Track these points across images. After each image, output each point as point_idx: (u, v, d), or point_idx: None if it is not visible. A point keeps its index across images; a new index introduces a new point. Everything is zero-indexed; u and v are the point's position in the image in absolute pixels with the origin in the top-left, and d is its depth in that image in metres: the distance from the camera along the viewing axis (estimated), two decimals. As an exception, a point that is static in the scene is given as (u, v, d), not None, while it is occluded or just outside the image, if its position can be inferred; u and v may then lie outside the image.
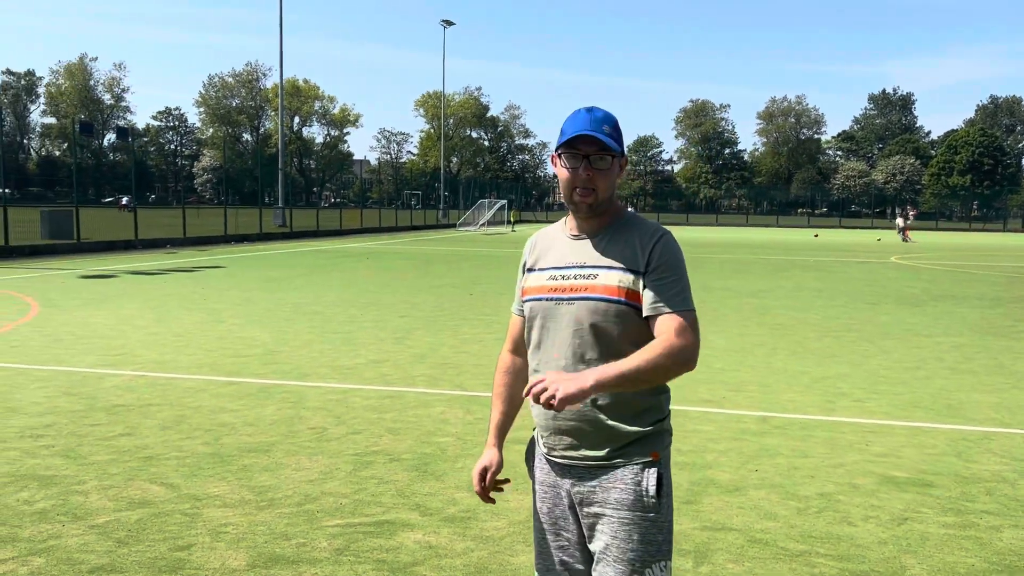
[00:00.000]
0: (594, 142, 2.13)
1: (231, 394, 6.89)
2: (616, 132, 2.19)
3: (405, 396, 6.94)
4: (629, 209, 2.31)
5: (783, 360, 8.89)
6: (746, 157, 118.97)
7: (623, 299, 2.12)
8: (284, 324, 10.68)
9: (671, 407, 2.31)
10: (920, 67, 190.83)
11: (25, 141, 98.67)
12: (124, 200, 61.77)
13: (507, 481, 2.43)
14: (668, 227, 2.56)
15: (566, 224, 2.30)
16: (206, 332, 9.92)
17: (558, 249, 2.27)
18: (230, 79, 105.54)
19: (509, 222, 59.01)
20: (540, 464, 2.31)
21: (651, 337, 2.11)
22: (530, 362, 2.27)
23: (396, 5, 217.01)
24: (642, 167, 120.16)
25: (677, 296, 2.13)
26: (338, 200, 65.34)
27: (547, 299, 2.21)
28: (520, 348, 2.39)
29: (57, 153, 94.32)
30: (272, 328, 10.33)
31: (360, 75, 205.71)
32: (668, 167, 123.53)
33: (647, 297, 2.12)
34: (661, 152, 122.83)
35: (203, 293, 13.95)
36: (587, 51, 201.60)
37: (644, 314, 2.10)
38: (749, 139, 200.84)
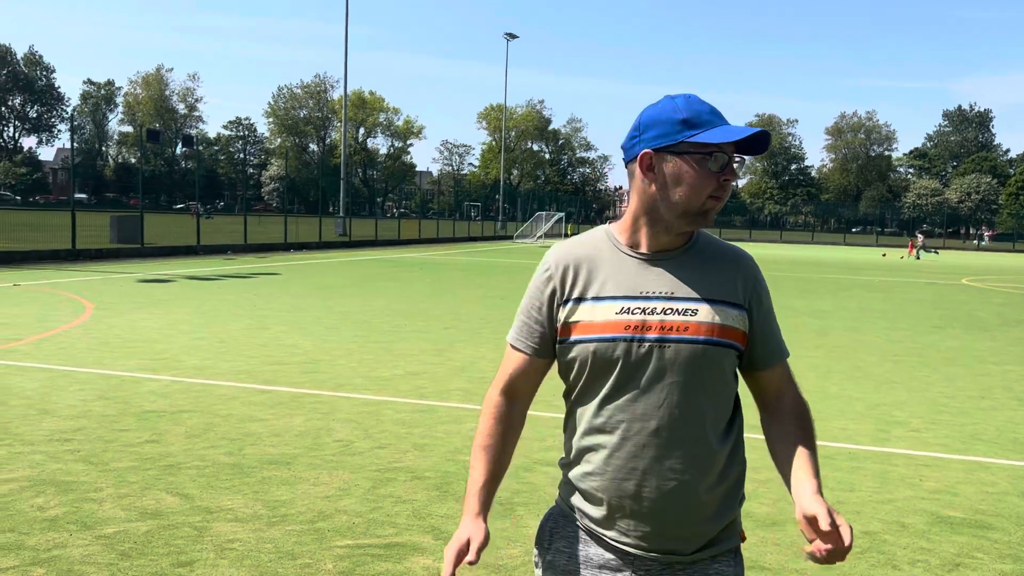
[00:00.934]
0: (754, 143, 1.72)
1: (263, 403, 6.82)
2: None
3: (437, 411, 6.78)
4: None
5: (838, 384, 8.47)
6: (813, 173, 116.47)
7: (729, 341, 1.74)
8: (328, 332, 10.65)
9: None
10: (998, 83, 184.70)
11: (103, 148, 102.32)
12: (196, 206, 63.66)
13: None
14: (731, 242, 2.20)
15: (616, 239, 1.81)
16: (250, 339, 9.94)
17: (622, 273, 1.77)
18: (298, 91, 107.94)
19: (565, 235, 58.76)
20: (583, 548, 1.79)
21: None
22: (591, 415, 1.77)
23: (461, 19, 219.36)
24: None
25: (780, 339, 1.86)
26: (400, 211, 65.93)
27: (626, 339, 1.71)
28: (518, 393, 1.89)
29: (132, 160, 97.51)
30: (316, 336, 10.30)
31: (424, 87, 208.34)
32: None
33: (758, 341, 1.79)
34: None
35: (253, 300, 14.08)
36: (650, 64, 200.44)
37: (754, 361, 1.80)
38: (817, 155, 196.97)
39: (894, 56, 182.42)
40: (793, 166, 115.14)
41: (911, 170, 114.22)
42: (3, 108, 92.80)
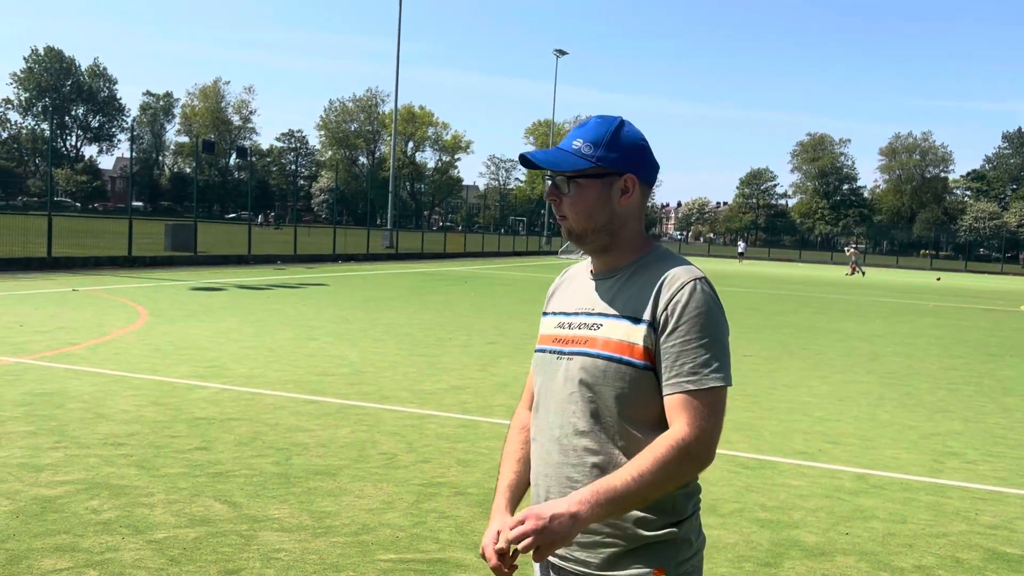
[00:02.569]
0: (534, 164, 1.81)
1: (310, 412, 6.90)
2: (597, 145, 1.75)
3: (480, 426, 6.79)
4: (662, 245, 1.89)
5: (890, 412, 8.28)
6: (866, 194, 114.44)
7: (626, 357, 1.70)
8: (374, 344, 10.75)
9: (699, 506, 1.81)
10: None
11: (160, 158, 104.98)
12: (260, 217, 64.85)
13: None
14: (775, 264, 1.99)
15: (591, 261, 1.92)
16: (298, 348, 10.08)
17: (573, 290, 1.90)
18: (350, 104, 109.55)
19: None
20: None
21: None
22: (531, 426, 1.90)
23: (511, 35, 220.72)
24: (754, 200, 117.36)
25: (699, 367, 1.67)
26: (446, 224, 66.43)
27: (549, 351, 1.84)
28: None
29: (188, 170, 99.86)
30: (361, 347, 10.40)
31: (473, 102, 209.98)
32: (782, 201, 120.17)
33: (663, 368, 1.69)
34: (775, 186, 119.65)
35: (302, 309, 14.28)
36: (700, 81, 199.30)
37: (663, 391, 1.70)
38: (870, 175, 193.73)
39: (950, 76, 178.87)
40: (845, 186, 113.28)
41: (968, 192, 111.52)
42: (67, 118, 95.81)
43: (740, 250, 63.69)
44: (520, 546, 1.59)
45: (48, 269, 20.00)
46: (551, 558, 1.81)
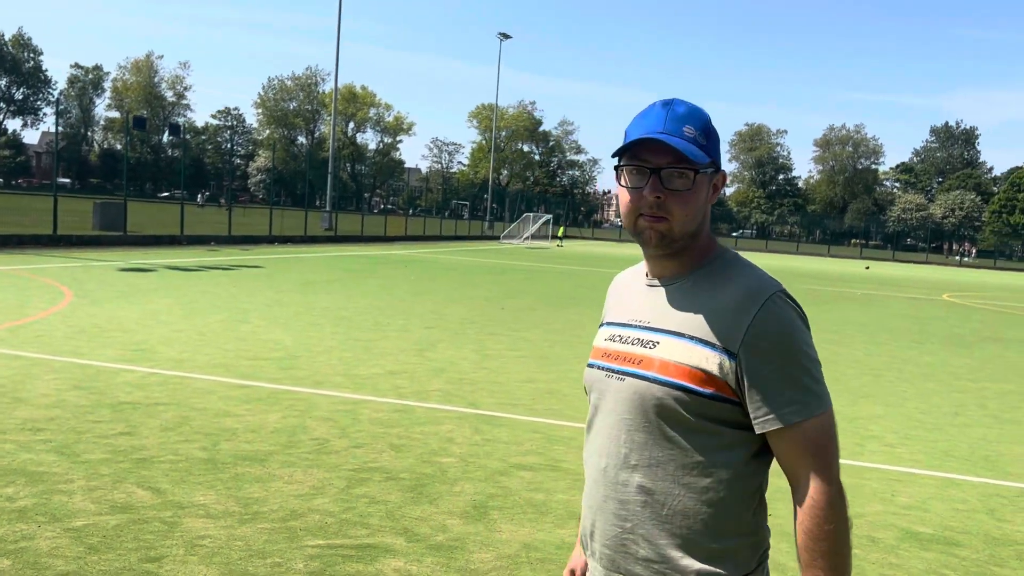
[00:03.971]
0: (665, 151, 1.52)
1: (240, 397, 6.78)
2: (707, 135, 1.56)
3: (415, 411, 6.77)
4: (729, 248, 1.66)
5: (815, 397, 8.50)
6: (800, 184, 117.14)
7: (691, 385, 1.49)
8: (309, 328, 10.61)
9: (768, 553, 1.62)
10: (986, 101, 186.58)
11: (89, 134, 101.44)
12: (199, 196, 63.05)
13: None
14: None
15: (646, 263, 1.70)
16: (229, 332, 9.89)
17: (629, 298, 1.69)
18: (289, 82, 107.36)
19: (556, 237, 58.81)
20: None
21: (746, 447, 1.52)
22: (584, 450, 1.74)
23: (455, 17, 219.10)
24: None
25: (801, 394, 1.47)
26: (387, 206, 65.76)
27: (600, 367, 1.64)
28: None
29: (119, 146, 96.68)
30: (296, 332, 10.26)
31: (416, 84, 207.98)
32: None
33: (752, 403, 1.48)
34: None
35: (234, 292, 14.00)
36: (642, 69, 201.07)
37: (756, 429, 1.49)
38: (804, 166, 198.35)
39: (883, 70, 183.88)
40: (780, 176, 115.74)
41: (897, 184, 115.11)
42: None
43: None
44: None
45: (-33, 247, 19.18)
46: None
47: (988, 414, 8.25)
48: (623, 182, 1.56)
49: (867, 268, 49.50)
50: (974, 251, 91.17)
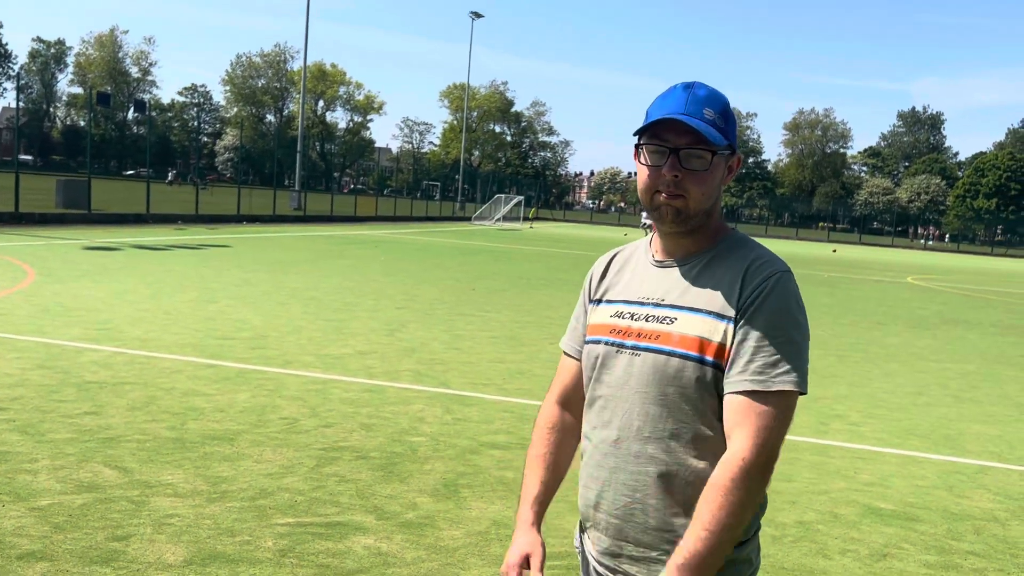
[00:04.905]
0: (685, 131, 1.57)
1: (208, 377, 6.73)
2: (726, 119, 1.61)
3: (386, 391, 6.76)
4: (738, 229, 1.74)
5: (781, 377, 8.63)
6: (770, 167, 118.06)
7: (707, 357, 1.55)
8: (278, 308, 10.53)
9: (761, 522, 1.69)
10: (952, 87, 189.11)
11: (51, 109, 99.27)
12: (170, 175, 61.83)
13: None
14: None
15: (651, 244, 1.74)
16: (196, 311, 9.78)
17: (635, 277, 1.72)
18: (257, 59, 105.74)
19: (526, 219, 58.75)
20: (584, 547, 1.80)
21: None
22: (583, 423, 1.76)
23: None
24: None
25: (768, 367, 1.50)
26: (357, 186, 65.23)
27: (607, 343, 1.67)
28: (571, 401, 1.85)
29: (82, 123, 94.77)
30: (265, 311, 10.18)
31: (387, 63, 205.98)
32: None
33: (731, 363, 1.53)
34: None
35: (202, 272, 13.84)
36: (614, 51, 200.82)
37: (725, 388, 1.54)
38: (774, 149, 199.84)
39: (853, 55, 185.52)
40: (750, 159, 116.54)
41: (864, 168, 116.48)
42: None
43: (644, 221, 64.61)
44: None
45: (-75, 224, 18.76)
46: (600, 567, 1.70)
47: (949, 394, 8.43)
48: (643, 160, 1.62)
49: (834, 251, 50.13)
50: (938, 234, 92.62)
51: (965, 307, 18.79)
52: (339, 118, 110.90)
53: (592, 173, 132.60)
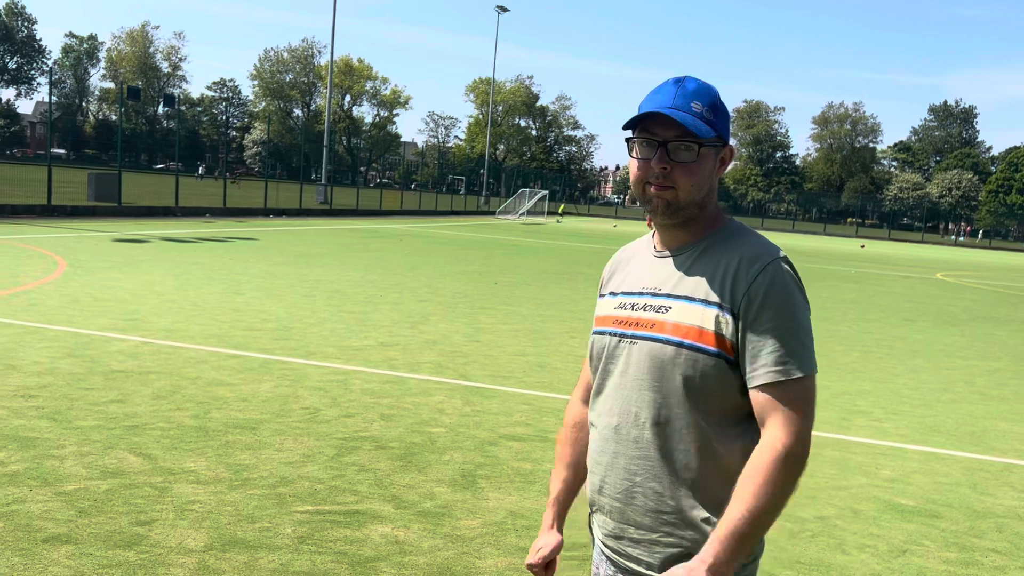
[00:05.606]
0: (672, 125, 1.61)
1: (232, 367, 6.82)
2: (715, 111, 1.65)
3: (407, 382, 6.81)
4: (735, 219, 1.74)
5: (804, 372, 8.56)
6: (798, 162, 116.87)
7: (698, 343, 1.58)
8: (302, 300, 10.63)
9: None
10: (985, 81, 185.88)
11: (84, 104, 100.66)
12: (200, 168, 62.48)
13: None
14: None
15: (653, 237, 1.79)
16: (222, 303, 9.90)
17: (637, 268, 1.77)
18: (285, 54, 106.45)
19: (556, 213, 58.62)
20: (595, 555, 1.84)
21: (749, 403, 1.59)
22: (590, 412, 1.81)
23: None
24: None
25: (787, 356, 1.55)
26: (383, 180, 65.49)
27: (610, 333, 1.72)
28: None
29: (113, 117, 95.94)
30: (289, 303, 10.28)
31: (413, 57, 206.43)
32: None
33: (744, 358, 1.58)
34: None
35: (229, 264, 14.00)
36: (640, 45, 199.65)
37: (743, 377, 1.59)
38: (802, 144, 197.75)
39: (883, 49, 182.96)
40: (778, 154, 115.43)
41: (894, 163, 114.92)
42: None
43: None
44: None
45: (-40, 217, 19.12)
46: (605, 550, 1.74)
47: (976, 391, 8.32)
48: (634, 153, 1.66)
49: (862, 247, 49.57)
50: (969, 230, 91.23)
51: (996, 304, 18.51)
52: (366, 112, 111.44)
53: (617, 168, 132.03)
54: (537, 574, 1.85)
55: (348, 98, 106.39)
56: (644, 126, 1.64)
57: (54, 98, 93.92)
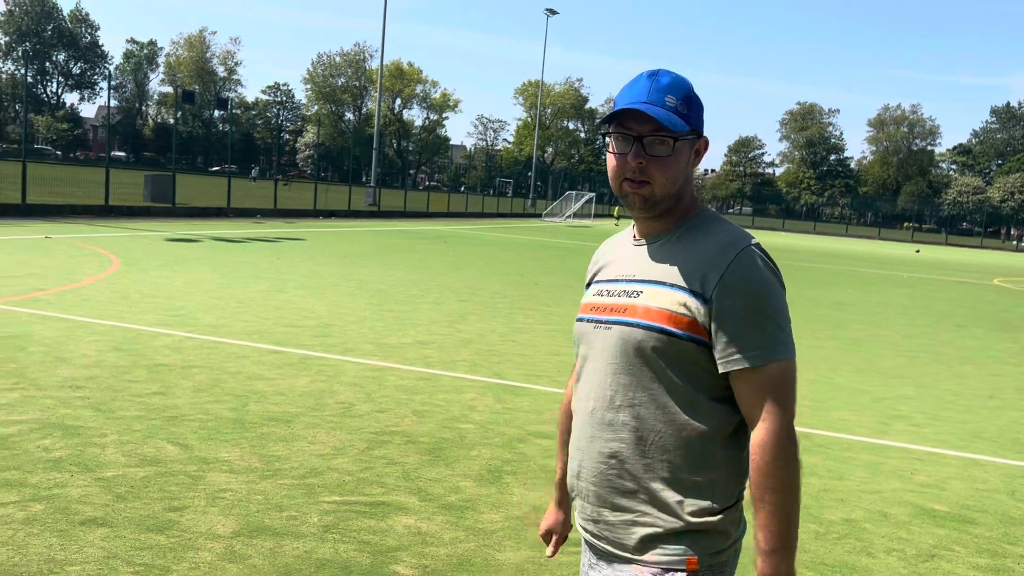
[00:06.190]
0: (647, 120, 1.62)
1: (271, 362, 6.97)
2: (688, 104, 1.66)
3: (440, 379, 6.89)
4: (709, 207, 1.78)
5: (845, 376, 8.44)
6: (852, 165, 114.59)
7: (668, 327, 1.59)
8: (345, 299, 10.80)
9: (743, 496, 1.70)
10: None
11: (143, 108, 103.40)
12: (253, 171, 63.78)
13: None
14: (759, 232, 1.84)
15: (633, 227, 1.82)
16: (267, 301, 10.12)
17: (618, 257, 1.80)
18: (338, 58, 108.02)
19: (612, 216, 58.40)
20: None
21: (723, 386, 1.62)
22: (572, 398, 1.86)
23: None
24: (742, 168, 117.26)
25: (764, 341, 1.57)
26: (432, 183, 66.02)
27: (587, 320, 1.76)
28: None
29: (172, 121, 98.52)
30: (331, 302, 10.45)
31: (462, 61, 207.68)
32: (769, 170, 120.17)
33: (718, 344, 1.59)
34: (763, 154, 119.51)
35: (275, 263, 14.28)
36: (691, 47, 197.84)
37: (719, 369, 1.59)
38: (857, 146, 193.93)
39: (942, 50, 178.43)
40: (832, 157, 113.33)
41: (953, 166, 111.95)
42: (47, 64, 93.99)
43: None
44: None
45: (23, 216, 19.83)
46: (585, 535, 1.77)
47: (1024, 398, 8.10)
48: (611, 148, 1.68)
49: (917, 251, 48.41)
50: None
51: (1054, 310, 17.93)
52: (415, 116, 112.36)
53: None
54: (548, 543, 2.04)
55: (399, 101, 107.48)
56: (620, 121, 1.67)
57: (114, 102, 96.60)
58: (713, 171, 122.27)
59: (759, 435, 1.57)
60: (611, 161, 1.70)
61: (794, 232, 69.59)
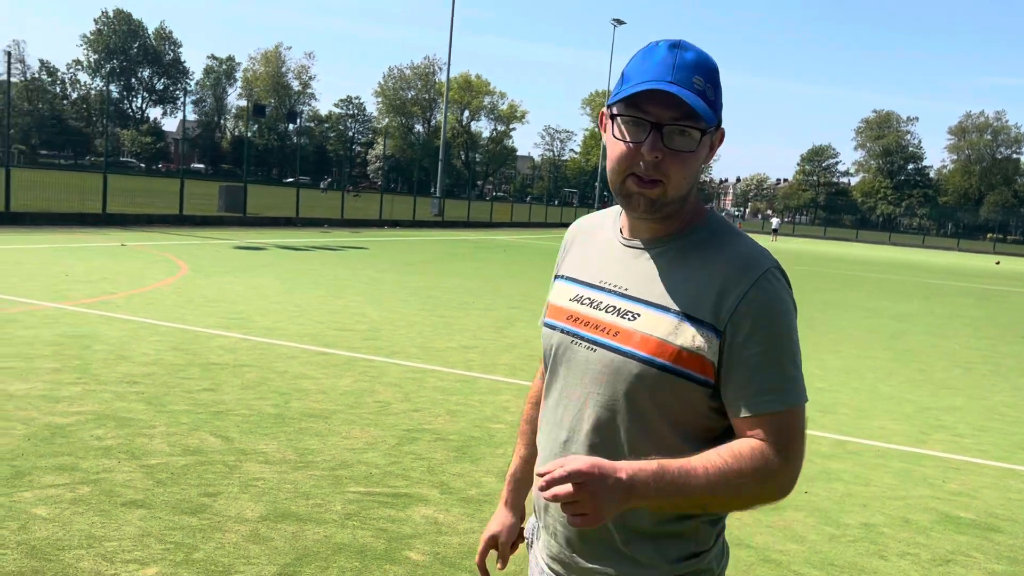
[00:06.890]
0: (672, 104, 1.32)
1: (318, 363, 7.27)
2: (716, 88, 1.38)
3: (478, 382, 7.07)
4: (711, 209, 1.50)
5: (893, 386, 8.31)
6: (932, 174, 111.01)
7: (672, 365, 1.34)
8: (398, 304, 11.10)
9: (725, 536, 1.51)
10: None
11: (222, 121, 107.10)
12: (322, 183, 65.68)
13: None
14: (832, 245, 1.49)
15: (620, 217, 1.53)
16: (323, 306, 10.48)
17: (599, 253, 1.52)
18: (408, 71, 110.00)
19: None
20: (533, 561, 1.63)
21: (720, 427, 1.40)
22: (540, 411, 1.59)
23: (568, 3, 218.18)
24: (815, 177, 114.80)
25: (781, 382, 1.34)
26: (499, 194, 66.58)
27: (563, 330, 1.49)
28: None
29: (248, 134, 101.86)
30: (384, 307, 10.76)
31: (530, 72, 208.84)
32: (844, 179, 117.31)
33: (730, 384, 1.35)
34: (837, 163, 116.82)
35: (336, 271, 14.71)
36: (760, 53, 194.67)
37: (730, 413, 1.36)
38: (937, 155, 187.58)
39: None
40: (910, 166, 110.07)
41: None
42: (133, 80, 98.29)
43: (774, 227, 61.71)
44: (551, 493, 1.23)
45: (102, 225, 20.86)
46: (550, 572, 1.52)
47: (1082, 411, 7.85)
48: (616, 134, 1.37)
49: (997, 263, 46.61)
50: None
51: None
52: (483, 127, 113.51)
53: (738, 180, 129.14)
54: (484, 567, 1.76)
55: (466, 113, 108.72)
56: (634, 101, 1.34)
57: (194, 116, 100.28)
58: (785, 180, 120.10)
59: (763, 447, 1.33)
60: (615, 150, 1.37)
61: (869, 243, 67.72)
